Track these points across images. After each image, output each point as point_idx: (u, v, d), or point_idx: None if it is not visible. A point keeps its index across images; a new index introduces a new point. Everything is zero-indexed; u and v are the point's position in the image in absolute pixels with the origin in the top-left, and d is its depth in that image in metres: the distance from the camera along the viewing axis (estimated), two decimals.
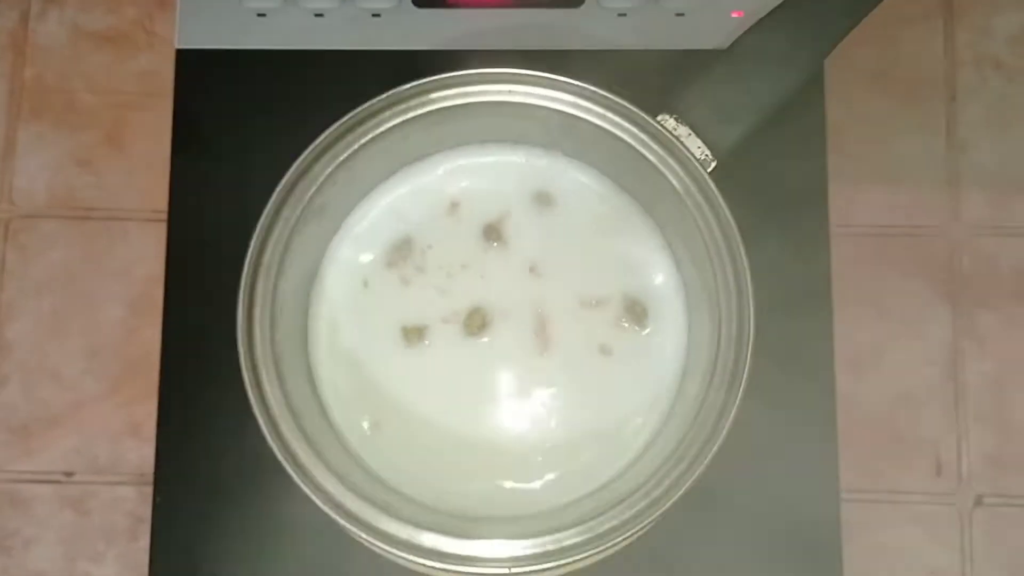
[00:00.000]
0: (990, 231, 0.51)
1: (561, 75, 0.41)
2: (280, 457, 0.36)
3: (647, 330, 0.42)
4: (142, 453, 0.49)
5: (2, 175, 0.52)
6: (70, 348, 0.50)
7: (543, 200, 0.43)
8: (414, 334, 0.41)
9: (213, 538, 0.46)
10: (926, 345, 0.50)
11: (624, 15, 0.47)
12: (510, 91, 0.38)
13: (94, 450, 0.50)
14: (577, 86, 0.38)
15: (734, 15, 0.47)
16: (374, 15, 0.48)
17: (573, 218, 0.43)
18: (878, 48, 0.52)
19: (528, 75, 0.38)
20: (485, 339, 0.42)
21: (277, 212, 0.38)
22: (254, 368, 0.37)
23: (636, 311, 0.42)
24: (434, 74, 0.42)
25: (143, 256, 0.51)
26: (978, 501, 0.49)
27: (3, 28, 0.53)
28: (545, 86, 0.38)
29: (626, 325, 0.42)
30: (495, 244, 0.42)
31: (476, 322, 0.42)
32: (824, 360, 0.47)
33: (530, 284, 0.43)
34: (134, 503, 0.49)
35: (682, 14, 0.47)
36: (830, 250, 0.48)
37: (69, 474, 0.50)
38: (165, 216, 0.50)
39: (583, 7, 0.47)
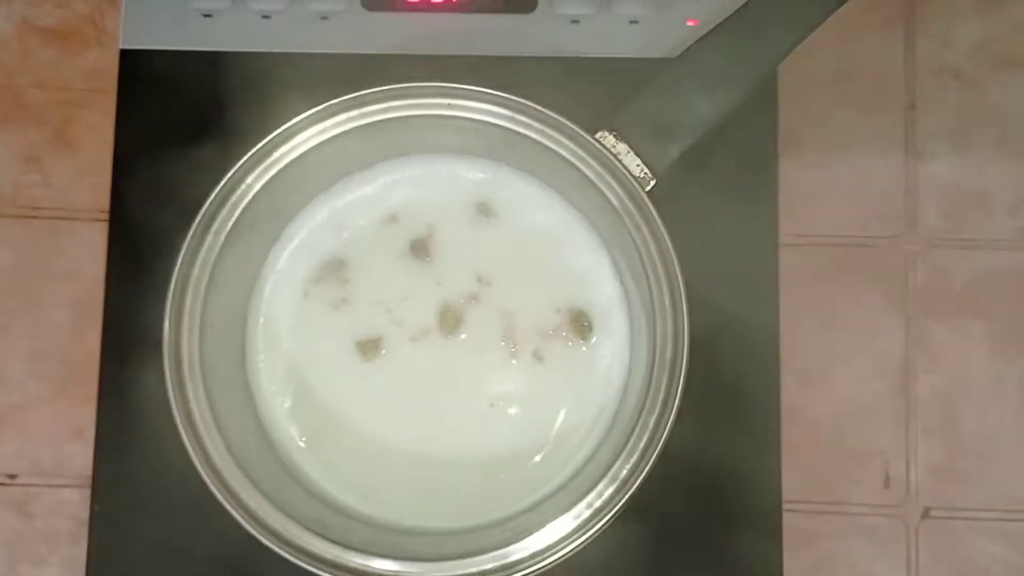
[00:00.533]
0: (945, 243, 0.51)
1: (510, 82, 0.41)
2: (205, 478, 0.35)
3: (591, 342, 0.42)
4: (86, 457, 0.48)
5: None
6: (14, 350, 0.50)
7: (485, 211, 0.42)
8: (369, 346, 0.41)
9: (150, 547, 0.46)
10: (877, 357, 0.50)
11: (577, 22, 0.47)
12: (449, 104, 0.37)
13: (38, 453, 0.49)
14: (516, 102, 0.37)
15: (689, 23, 0.46)
16: (323, 17, 0.47)
17: (516, 230, 0.42)
18: (837, 54, 0.51)
19: (467, 90, 0.37)
20: (427, 350, 0.42)
21: (207, 227, 0.37)
22: (180, 385, 0.36)
23: (580, 323, 0.42)
24: (383, 79, 0.41)
25: (90, 257, 0.50)
26: (925, 514, 0.49)
27: None
28: (484, 101, 0.37)
29: (569, 337, 0.42)
30: (427, 259, 0.41)
31: (450, 321, 0.41)
32: (770, 372, 0.47)
33: (472, 297, 0.42)
34: (77, 506, 0.49)
35: (636, 22, 0.46)
36: (778, 262, 0.47)
37: (12, 476, 0.49)
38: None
39: (535, 13, 0.47)
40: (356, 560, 0.35)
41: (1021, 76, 0.51)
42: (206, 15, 0.47)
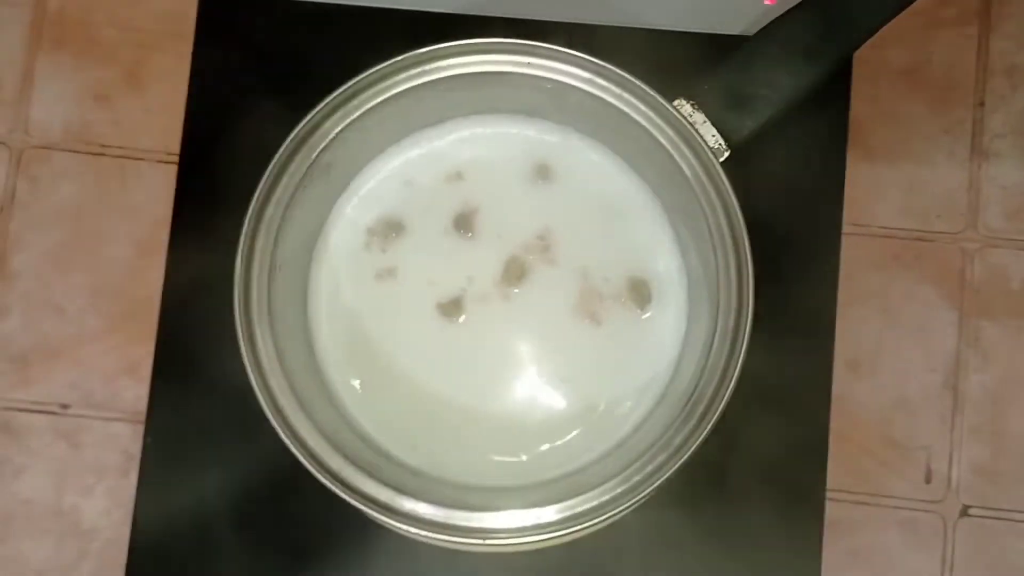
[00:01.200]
0: (1005, 242, 0.50)
1: (587, 50, 0.41)
2: (267, 411, 0.36)
3: (648, 313, 0.42)
4: (137, 392, 0.49)
5: (19, 105, 0.52)
6: (74, 283, 0.51)
7: (551, 174, 0.42)
8: (451, 307, 0.42)
9: (199, 482, 0.46)
10: (928, 351, 0.50)
11: None
12: (529, 63, 0.38)
13: (91, 385, 0.50)
14: (596, 64, 0.37)
15: (767, 2, 0.46)
16: None
17: (580, 195, 0.42)
18: (910, 49, 0.51)
19: (548, 48, 0.38)
20: (485, 307, 0.42)
21: (283, 168, 0.38)
22: (248, 324, 0.37)
23: (640, 292, 0.42)
24: (456, 38, 0.41)
25: (154, 197, 0.51)
26: (964, 511, 0.49)
27: None
28: (564, 61, 0.38)
29: (628, 306, 0.42)
30: (490, 219, 0.42)
31: (515, 272, 0.42)
32: (823, 359, 0.47)
33: (534, 256, 0.42)
34: (127, 440, 0.49)
35: None
36: (840, 249, 0.47)
37: (65, 406, 0.50)
38: (177, 159, 0.50)
39: None
40: (407, 505, 0.36)
41: None
42: None
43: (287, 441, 0.36)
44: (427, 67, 0.38)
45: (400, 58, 0.38)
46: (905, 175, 0.51)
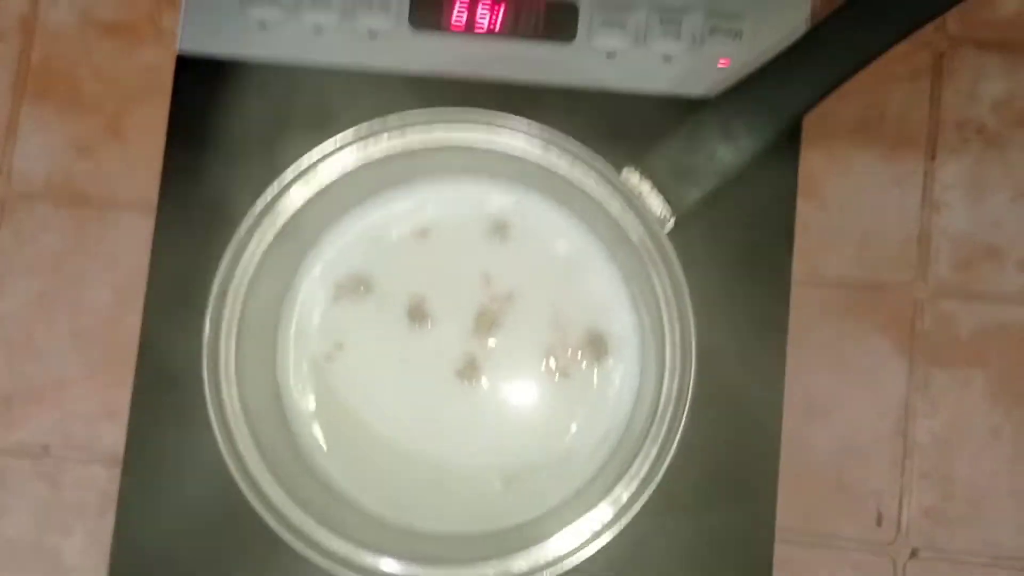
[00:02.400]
0: (954, 292, 0.52)
1: (545, 110, 0.43)
2: (232, 468, 0.38)
3: (605, 365, 0.44)
4: (116, 435, 0.51)
5: (2, 155, 0.53)
6: (55, 329, 0.52)
7: (511, 233, 0.44)
8: (419, 361, 0.43)
9: (173, 524, 0.48)
10: (879, 398, 0.51)
11: (613, 55, 0.48)
12: (487, 131, 0.39)
13: (71, 428, 0.52)
14: (548, 134, 0.39)
15: (721, 64, 0.48)
16: (371, 35, 0.49)
17: (540, 253, 0.44)
18: (864, 103, 0.53)
19: (503, 119, 0.39)
20: (447, 360, 0.44)
21: (248, 235, 0.40)
22: (216, 385, 0.39)
23: (598, 347, 0.44)
24: (424, 98, 0.44)
25: (133, 245, 0.52)
26: (913, 554, 0.51)
27: (14, 11, 0.54)
28: (518, 130, 0.39)
29: (586, 359, 0.44)
30: (454, 274, 0.43)
31: (483, 325, 0.44)
32: (773, 406, 0.49)
33: (497, 311, 0.44)
34: (105, 482, 0.51)
35: (669, 59, 0.48)
36: (790, 299, 0.49)
37: (45, 448, 0.52)
38: (155, 209, 0.52)
39: (574, 44, 0.48)
40: (368, 559, 0.38)
41: None
42: (261, 26, 0.49)
43: (248, 496, 0.38)
44: (391, 135, 0.40)
45: (363, 127, 0.40)
46: (858, 226, 0.52)
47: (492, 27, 0.48)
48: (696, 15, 0.48)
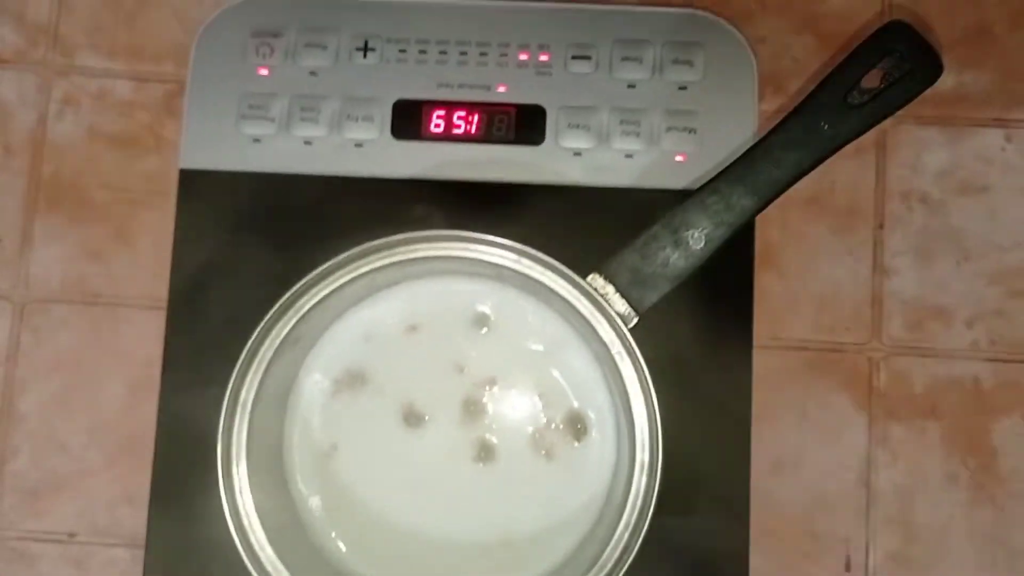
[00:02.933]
0: (907, 351, 0.56)
1: (519, 207, 0.48)
2: (244, 555, 0.42)
3: (586, 442, 0.48)
4: (136, 520, 0.55)
5: (19, 263, 0.58)
6: (75, 422, 0.56)
7: (493, 325, 0.48)
8: (413, 446, 0.47)
9: None
10: (843, 452, 0.55)
11: (579, 154, 0.53)
12: (464, 248, 0.44)
13: (94, 515, 0.56)
14: (520, 249, 0.44)
15: (678, 158, 0.52)
16: (357, 145, 0.53)
17: (521, 342, 0.48)
18: (815, 178, 0.56)
19: (478, 237, 0.44)
20: (439, 443, 0.48)
21: (259, 343, 0.44)
22: (229, 478, 0.43)
23: (577, 426, 0.48)
24: (408, 200, 0.48)
25: (145, 341, 0.56)
26: None
27: (23, 127, 0.59)
28: (493, 246, 0.44)
29: (566, 437, 0.48)
30: (444, 366, 0.48)
31: (471, 411, 0.48)
32: (742, 461, 0.53)
33: (484, 396, 0.48)
34: (127, 564, 0.55)
35: (631, 156, 0.53)
36: (752, 361, 0.53)
37: (72, 535, 0.56)
38: (165, 305, 0.56)
39: (543, 146, 0.53)
40: None
41: (981, 201, 0.57)
42: (255, 140, 0.54)
43: None
44: (380, 254, 0.44)
45: (357, 250, 0.44)
46: (815, 292, 0.56)
47: (468, 133, 0.53)
48: (653, 116, 0.52)
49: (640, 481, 0.43)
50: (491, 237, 0.44)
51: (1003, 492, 0.55)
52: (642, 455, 0.44)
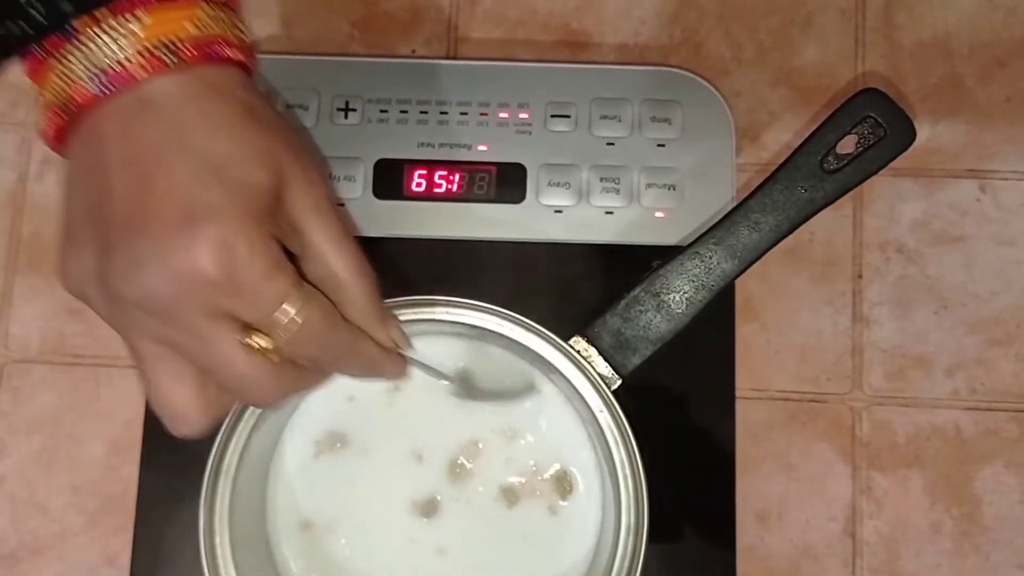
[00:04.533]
0: (888, 400, 0.56)
1: (501, 263, 0.48)
2: None
3: (569, 503, 0.48)
4: None
5: None
6: (55, 483, 0.56)
7: (475, 386, 0.48)
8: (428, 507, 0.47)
9: None
10: (827, 502, 0.56)
11: (560, 212, 0.53)
12: (447, 312, 0.44)
13: None
14: (502, 312, 0.44)
15: (658, 215, 0.53)
16: (340, 204, 0.53)
17: (506, 403, 0.48)
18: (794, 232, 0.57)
19: (460, 302, 0.44)
20: (424, 507, 0.48)
21: (241, 412, 0.44)
22: (213, 561, 0.42)
23: (563, 485, 0.48)
24: (391, 258, 0.48)
25: (126, 400, 0.56)
26: None
27: (3, 187, 0.59)
28: (475, 310, 0.44)
29: (552, 497, 0.48)
30: (425, 427, 0.48)
31: (458, 474, 0.48)
32: (727, 516, 0.53)
33: (463, 462, 0.48)
34: None
35: (611, 212, 0.53)
36: (735, 413, 0.54)
37: None
38: None
39: (524, 203, 0.53)
40: None
41: (957, 250, 0.57)
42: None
43: None
44: None
45: None
46: (796, 343, 0.57)
47: (449, 191, 0.53)
48: (632, 173, 0.53)
49: (627, 543, 0.43)
50: (474, 302, 0.44)
51: (987, 540, 0.55)
52: (628, 517, 0.43)
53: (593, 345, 0.44)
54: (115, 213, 0.33)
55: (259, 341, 0.33)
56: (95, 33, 0.33)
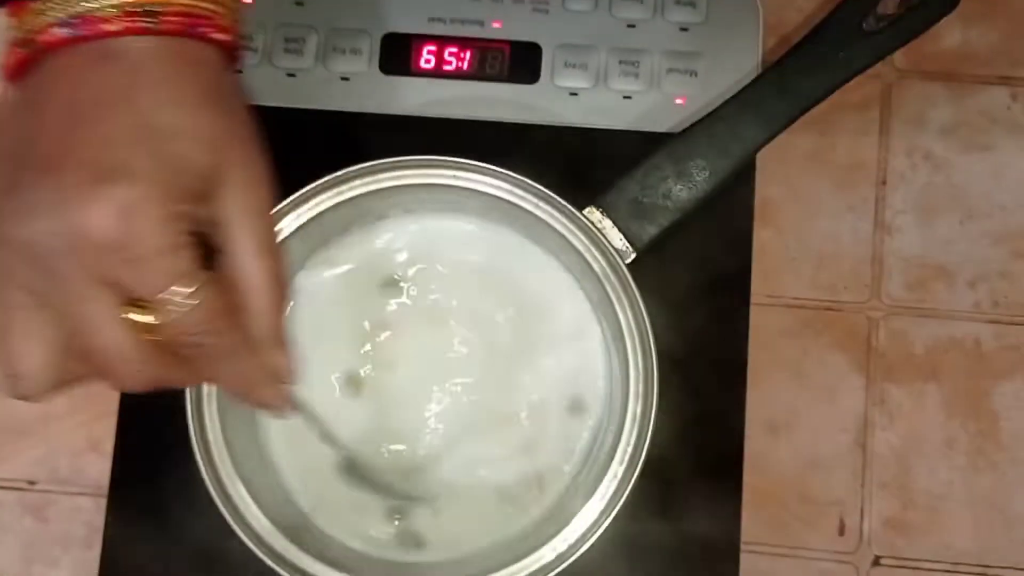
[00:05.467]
0: (906, 311, 0.55)
1: (512, 147, 0.46)
2: (216, 497, 0.40)
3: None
4: (100, 467, 0.52)
5: None
6: None
7: (486, 271, 0.46)
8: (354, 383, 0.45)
9: (159, 553, 0.50)
10: (839, 413, 0.54)
11: (576, 94, 0.51)
12: (454, 175, 0.42)
13: (56, 462, 0.53)
14: (514, 178, 0.42)
15: (678, 101, 0.51)
16: (343, 78, 0.51)
17: (515, 290, 0.46)
18: (816, 132, 0.55)
19: (470, 164, 0.42)
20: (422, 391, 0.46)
21: None
22: (201, 421, 0.40)
23: (574, 405, 0.47)
24: (396, 138, 0.46)
25: None
26: (876, 562, 0.53)
27: None
28: (486, 174, 0.42)
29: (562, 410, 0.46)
30: (435, 314, 0.46)
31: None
32: (736, 422, 0.51)
33: (464, 346, 0.46)
34: (90, 513, 0.53)
35: (629, 97, 0.51)
36: (749, 318, 0.52)
37: (32, 483, 0.53)
38: None
39: (537, 85, 0.51)
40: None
41: (985, 159, 0.55)
42: (237, 71, 0.51)
43: (236, 528, 0.39)
44: (364, 179, 0.42)
45: (338, 174, 0.43)
46: (814, 250, 0.55)
47: (459, 69, 0.51)
48: (653, 57, 0.50)
49: (632, 431, 0.41)
50: (485, 165, 0.42)
51: (1003, 457, 0.53)
52: (635, 405, 0.42)
53: (608, 217, 0.41)
54: (35, 154, 0.31)
55: (137, 316, 0.31)
56: None
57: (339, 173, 0.42)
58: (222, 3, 0.34)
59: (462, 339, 0.46)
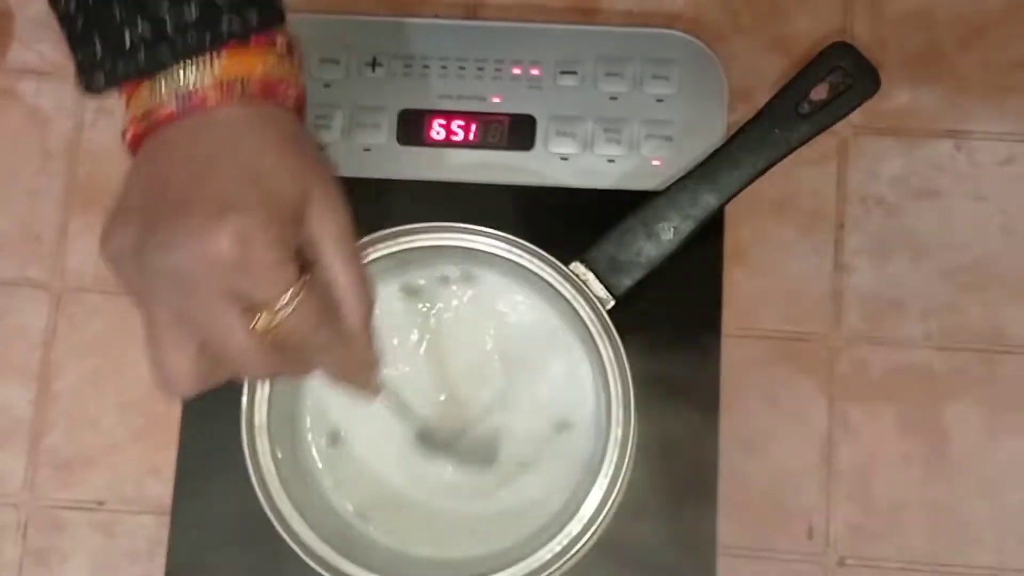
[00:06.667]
0: (864, 340, 0.61)
1: (511, 205, 0.53)
2: (268, 512, 0.47)
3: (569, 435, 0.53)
4: (160, 490, 0.60)
5: (57, 256, 0.63)
6: (106, 401, 0.61)
7: (488, 310, 0.54)
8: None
9: (217, 564, 0.57)
10: (806, 432, 0.59)
11: (566, 159, 0.58)
12: (460, 237, 0.49)
13: (122, 485, 0.60)
14: (509, 239, 0.49)
15: (655, 163, 0.58)
16: (365, 149, 0.59)
17: (513, 329, 0.54)
18: (781, 184, 0.61)
19: (471, 228, 0.49)
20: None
21: None
22: (252, 443, 0.48)
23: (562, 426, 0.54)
24: (412, 200, 0.54)
25: None
26: (841, 562, 0.59)
27: (61, 134, 0.64)
28: (485, 236, 0.49)
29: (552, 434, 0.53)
30: (442, 352, 0.53)
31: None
32: (711, 442, 0.58)
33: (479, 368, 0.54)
34: (152, 530, 0.60)
35: (613, 160, 0.58)
36: (720, 352, 0.58)
37: (100, 503, 0.60)
38: None
39: (533, 151, 0.59)
40: None
41: (933, 204, 0.61)
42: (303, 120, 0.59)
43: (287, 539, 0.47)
44: (386, 243, 0.50)
45: (362, 240, 0.50)
46: (782, 287, 0.61)
47: (466, 139, 0.58)
48: (633, 125, 0.58)
49: (610, 463, 0.48)
50: (484, 228, 0.49)
51: (953, 470, 0.58)
52: (615, 432, 0.49)
53: (590, 269, 0.49)
54: (166, 200, 0.39)
55: (257, 322, 0.38)
56: (185, 63, 0.39)
57: (365, 239, 0.50)
58: (290, 72, 0.42)
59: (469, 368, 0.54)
